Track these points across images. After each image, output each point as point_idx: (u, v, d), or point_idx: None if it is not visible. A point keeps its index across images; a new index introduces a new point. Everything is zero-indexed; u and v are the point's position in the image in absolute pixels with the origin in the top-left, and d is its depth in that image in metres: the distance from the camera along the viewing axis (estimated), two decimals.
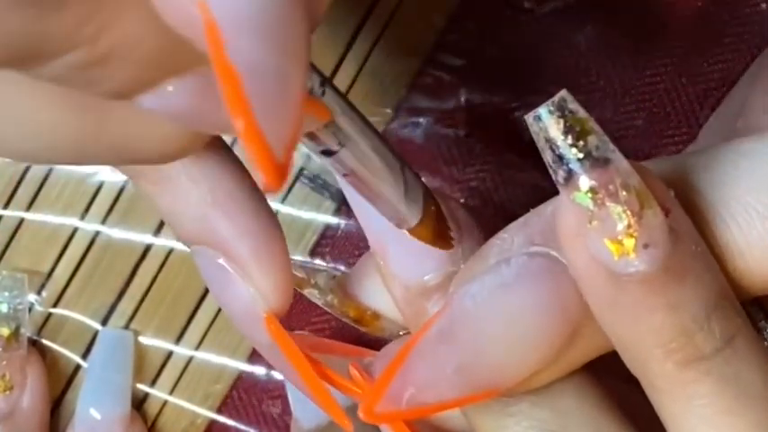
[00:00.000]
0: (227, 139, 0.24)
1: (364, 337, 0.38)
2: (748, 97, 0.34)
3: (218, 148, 0.23)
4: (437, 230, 0.23)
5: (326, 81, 0.20)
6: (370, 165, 0.22)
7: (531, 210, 0.22)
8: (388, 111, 0.40)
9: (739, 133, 0.32)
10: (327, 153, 0.21)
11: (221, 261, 0.23)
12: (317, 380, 0.24)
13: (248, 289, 0.23)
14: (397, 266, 0.24)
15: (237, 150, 0.23)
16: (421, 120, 0.40)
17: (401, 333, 0.27)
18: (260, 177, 0.16)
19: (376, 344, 0.27)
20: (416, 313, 0.24)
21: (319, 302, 0.27)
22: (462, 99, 0.40)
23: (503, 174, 0.40)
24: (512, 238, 0.22)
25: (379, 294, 0.26)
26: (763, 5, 0.40)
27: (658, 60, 0.40)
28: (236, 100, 0.15)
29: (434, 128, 0.40)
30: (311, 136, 0.20)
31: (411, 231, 0.23)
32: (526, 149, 0.40)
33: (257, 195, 0.23)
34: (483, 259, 0.22)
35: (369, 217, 0.24)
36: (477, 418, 0.23)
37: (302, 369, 0.23)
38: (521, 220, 0.22)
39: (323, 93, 0.20)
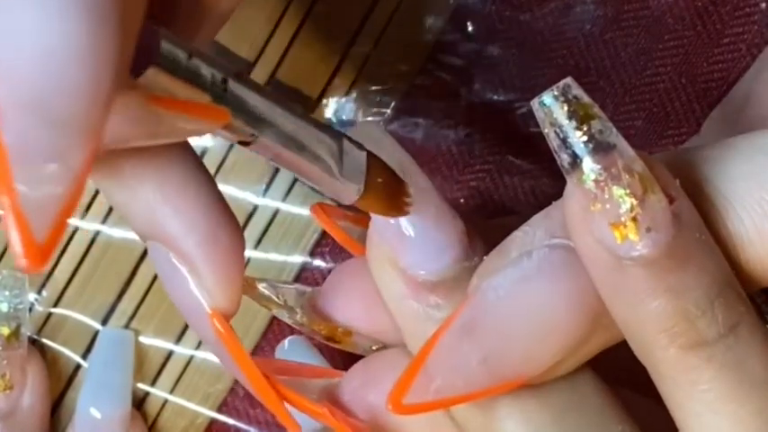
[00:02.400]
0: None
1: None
2: (754, 88, 0.34)
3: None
4: (385, 202, 0.23)
5: (232, 76, 0.20)
6: (295, 148, 0.22)
7: (554, 202, 0.22)
8: (389, 111, 0.40)
9: (745, 123, 0.32)
10: (243, 143, 0.21)
11: (171, 257, 0.23)
12: (261, 378, 0.24)
13: (195, 286, 0.23)
14: (417, 255, 0.24)
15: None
16: (421, 120, 0.40)
17: (373, 348, 0.27)
18: (17, 257, 0.15)
19: (349, 358, 0.27)
20: (425, 307, 0.24)
21: (289, 322, 0.27)
22: (462, 99, 0.40)
23: (503, 174, 0.40)
24: (533, 230, 0.22)
25: (351, 311, 0.26)
26: (763, 5, 0.40)
27: (658, 60, 0.40)
28: (1, 175, 0.15)
29: (434, 128, 0.40)
30: (225, 128, 0.20)
31: (357, 205, 0.23)
32: (527, 149, 0.40)
33: (210, 190, 0.23)
34: (505, 252, 0.22)
35: None
36: (469, 420, 0.23)
37: (245, 367, 0.23)
38: (543, 212, 0.23)
39: (224, 89, 0.20)
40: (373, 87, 0.40)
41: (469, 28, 0.40)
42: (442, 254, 0.24)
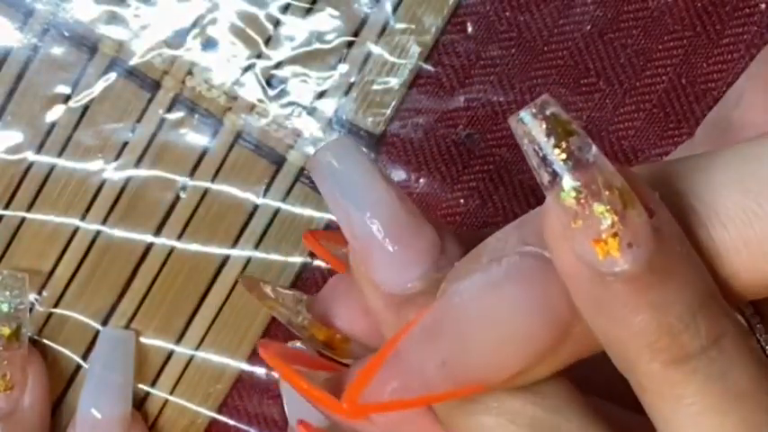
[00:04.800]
0: None
1: None
2: (746, 92, 0.34)
3: None
4: None
5: None
6: None
7: (530, 210, 0.22)
8: (388, 111, 0.40)
9: (736, 127, 0.32)
10: None
11: None
12: None
13: None
14: (382, 273, 0.24)
15: None
16: (421, 120, 0.40)
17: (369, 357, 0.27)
18: None
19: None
20: (398, 321, 0.24)
21: (288, 325, 0.27)
22: (462, 99, 0.40)
23: (503, 174, 0.40)
24: (506, 237, 0.22)
25: (349, 318, 0.26)
26: (763, 5, 0.40)
27: (658, 60, 0.40)
28: None
29: (434, 128, 0.41)
30: None
31: None
32: None
33: None
34: (476, 258, 0.22)
35: (352, 223, 0.24)
36: (456, 421, 0.23)
37: None
38: (518, 220, 0.22)
39: None
40: (373, 87, 0.40)
41: (469, 28, 0.40)
42: (407, 269, 0.23)
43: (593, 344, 0.21)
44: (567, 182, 0.20)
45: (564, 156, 0.20)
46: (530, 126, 0.20)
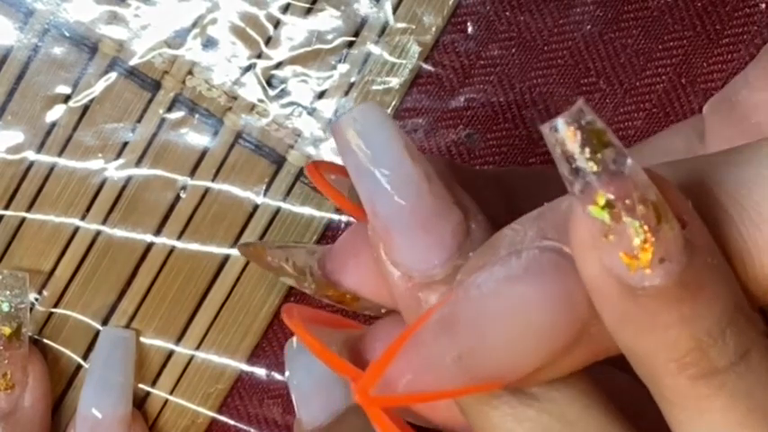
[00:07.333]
0: None
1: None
2: (753, 72, 0.33)
3: None
4: None
5: None
6: None
7: (546, 203, 0.22)
8: (388, 111, 0.40)
9: (745, 106, 0.32)
10: None
11: None
12: None
13: None
14: (402, 255, 0.23)
15: None
16: (421, 120, 0.41)
17: (383, 311, 0.26)
18: None
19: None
20: (417, 305, 0.23)
21: (297, 286, 0.26)
22: (462, 99, 0.40)
23: None
24: (525, 229, 0.21)
25: (359, 278, 0.25)
26: (763, 5, 0.40)
27: (658, 60, 0.40)
28: None
29: (434, 128, 0.41)
30: None
31: None
32: (526, 149, 0.40)
33: None
34: (493, 249, 0.22)
35: (375, 203, 0.23)
36: (479, 419, 0.23)
37: None
38: (535, 211, 0.22)
39: None
40: (373, 87, 0.41)
41: (469, 28, 0.40)
42: (429, 254, 0.23)
43: (610, 346, 0.21)
44: (600, 195, 0.19)
45: (599, 168, 0.19)
46: (563, 135, 0.19)
